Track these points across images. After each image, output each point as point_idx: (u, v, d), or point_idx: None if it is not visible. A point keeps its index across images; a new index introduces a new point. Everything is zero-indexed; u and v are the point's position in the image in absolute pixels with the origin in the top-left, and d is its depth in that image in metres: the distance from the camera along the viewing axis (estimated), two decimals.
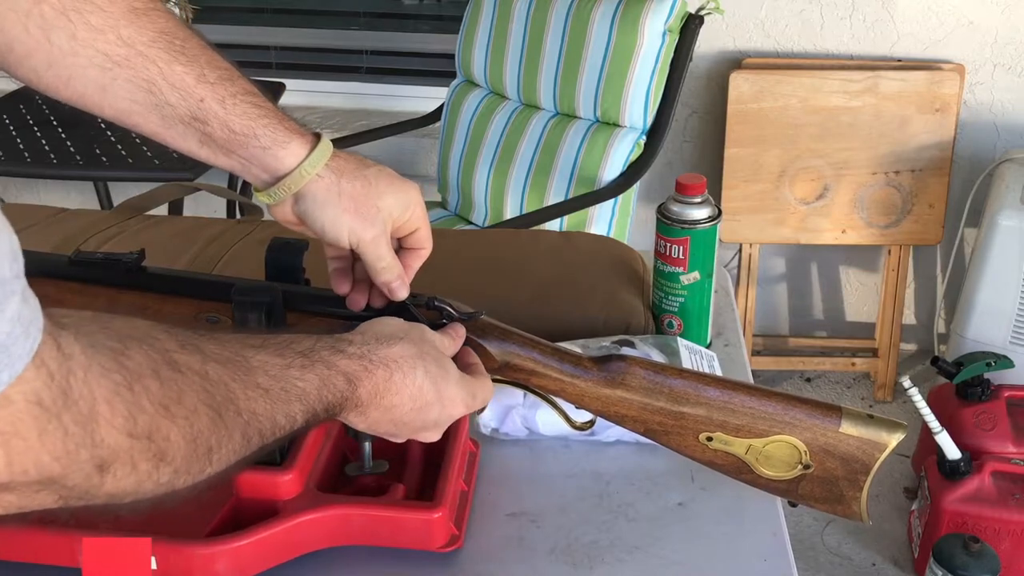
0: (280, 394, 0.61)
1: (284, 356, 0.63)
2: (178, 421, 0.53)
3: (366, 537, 0.81)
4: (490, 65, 2.26)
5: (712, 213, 1.08)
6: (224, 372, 0.57)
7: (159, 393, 0.52)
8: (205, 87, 0.76)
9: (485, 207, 2.26)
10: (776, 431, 0.80)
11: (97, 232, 1.28)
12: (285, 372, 0.62)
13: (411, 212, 0.82)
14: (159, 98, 0.76)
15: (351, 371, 0.67)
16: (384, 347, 0.70)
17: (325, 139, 0.80)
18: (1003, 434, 1.98)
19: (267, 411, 0.60)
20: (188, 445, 0.53)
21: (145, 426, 0.51)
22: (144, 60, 0.75)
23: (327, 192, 0.79)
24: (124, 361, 0.51)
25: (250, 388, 0.59)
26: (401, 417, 0.72)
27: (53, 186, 2.92)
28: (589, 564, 0.82)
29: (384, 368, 0.69)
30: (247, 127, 0.77)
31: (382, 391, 0.69)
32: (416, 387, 0.71)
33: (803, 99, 2.39)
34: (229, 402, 0.57)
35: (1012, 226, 2.17)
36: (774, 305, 2.74)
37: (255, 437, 0.59)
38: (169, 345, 0.55)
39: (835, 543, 2.11)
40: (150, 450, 0.51)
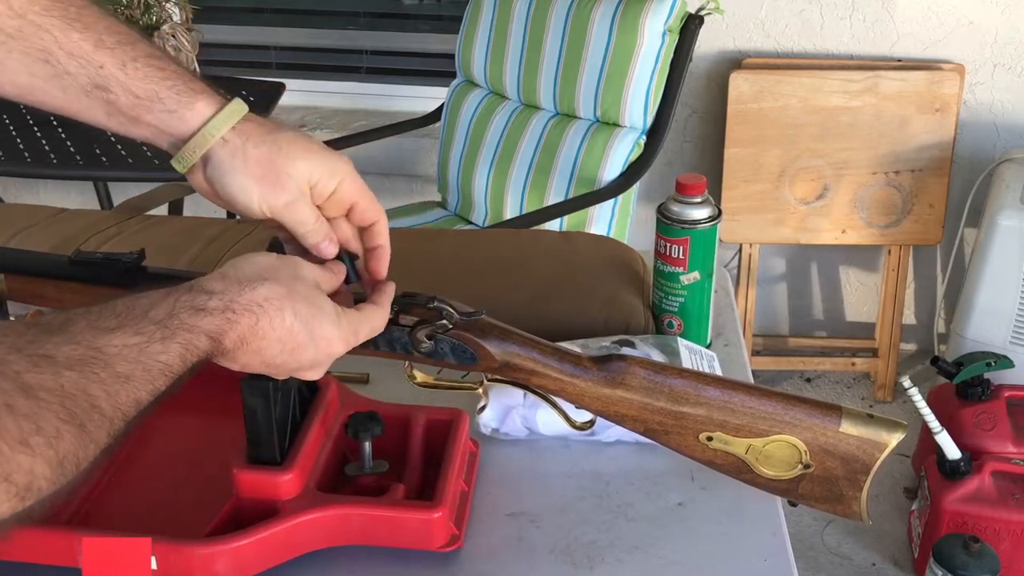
0: (143, 376, 0.59)
1: (142, 332, 0.60)
2: (39, 451, 0.51)
3: (366, 537, 0.81)
4: (490, 65, 2.26)
5: (712, 213, 1.08)
6: (80, 378, 0.55)
7: (15, 430, 0.50)
8: (104, 52, 0.73)
9: (485, 207, 2.26)
10: (776, 431, 0.79)
11: (97, 232, 1.28)
12: (145, 351, 0.60)
13: (338, 182, 0.77)
14: (57, 68, 0.73)
15: (214, 328, 0.64)
16: (248, 291, 0.67)
17: (236, 102, 0.76)
18: (1003, 434, 1.98)
19: (130, 396, 0.58)
20: (54, 470, 0.52)
21: (3, 469, 0.49)
22: (38, 30, 0.72)
23: (232, 157, 0.75)
24: None
25: (110, 383, 0.57)
26: (272, 359, 0.69)
27: (53, 186, 2.92)
28: (589, 564, 0.83)
29: (249, 314, 0.66)
30: (150, 91, 0.74)
31: (248, 337, 0.67)
32: (285, 329, 0.68)
33: (803, 99, 2.39)
34: (91, 408, 0.55)
35: (1012, 226, 2.17)
36: (774, 305, 2.74)
37: (120, 426, 0.57)
38: (20, 366, 0.52)
39: (835, 543, 2.11)
40: (10, 491, 0.49)
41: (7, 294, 0.85)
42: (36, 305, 0.88)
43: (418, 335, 0.80)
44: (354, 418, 0.85)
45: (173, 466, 0.93)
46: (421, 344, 0.81)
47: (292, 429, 0.83)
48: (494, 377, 0.87)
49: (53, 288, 0.85)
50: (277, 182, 0.75)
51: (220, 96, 0.77)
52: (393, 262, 0.89)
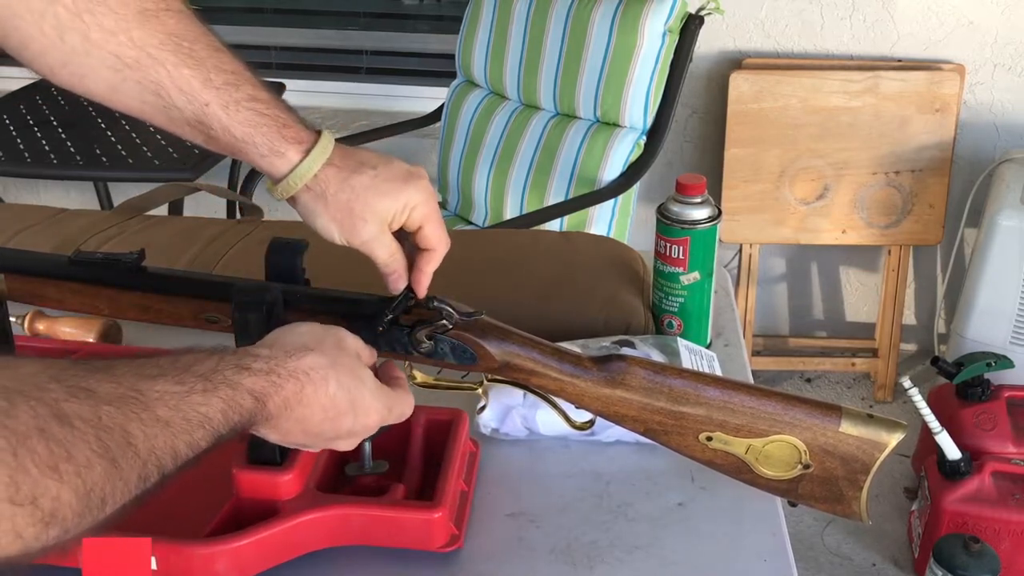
0: (182, 424, 0.59)
1: (184, 383, 0.61)
2: (68, 479, 0.51)
3: (366, 537, 0.81)
4: (490, 65, 2.26)
5: (712, 213, 1.08)
6: (119, 414, 0.55)
7: (46, 453, 0.50)
8: (210, 92, 0.78)
9: (485, 207, 2.26)
10: (776, 431, 0.80)
11: (97, 232, 1.28)
12: (186, 399, 0.60)
13: (410, 213, 0.82)
14: (166, 101, 0.77)
15: (259, 389, 0.66)
16: (294, 359, 0.69)
17: (319, 146, 0.81)
18: (1003, 434, 1.98)
19: (167, 444, 0.58)
20: (80, 501, 0.52)
21: (29, 491, 0.49)
22: (153, 63, 0.76)
23: (314, 202, 0.81)
24: (7, 423, 0.49)
25: (149, 425, 0.57)
26: (313, 428, 0.71)
27: (53, 186, 2.92)
28: (589, 564, 0.82)
29: (294, 381, 0.68)
30: (247, 134, 0.79)
31: (292, 404, 0.68)
32: (328, 398, 0.70)
33: (803, 99, 2.39)
34: (126, 445, 0.55)
35: (1012, 226, 2.17)
36: (774, 305, 2.74)
37: (154, 474, 0.57)
38: (58, 394, 0.53)
39: (835, 543, 2.11)
40: (35, 515, 0.49)
41: (7, 294, 0.86)
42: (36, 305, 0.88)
43: (418, 335, 0.80)
44: None
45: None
46: (421, 344, 0.81)
47: None
48: (494, 377, 0.87)
49: (53, 288, 0.85)
50: (354, 226, 0.81)
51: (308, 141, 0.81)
52: None
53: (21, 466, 0.49)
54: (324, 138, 0.82)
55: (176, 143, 2.17)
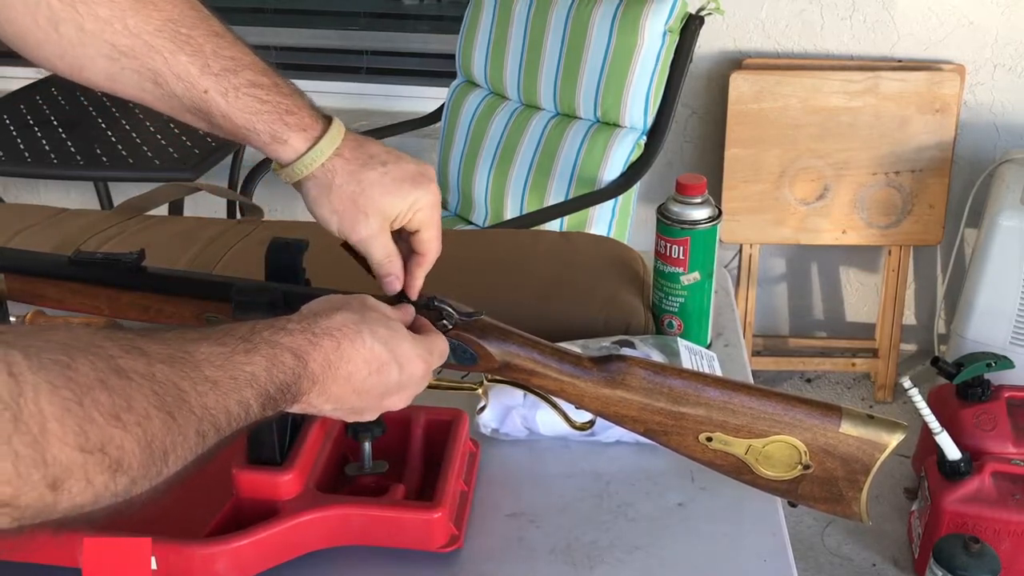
0: (229, 383, 0.60)
1: (226, 344, 0.62)
2: (131, 428, 0.52)
3: (366, 537, 0.81)
4: (490, 65, 2.26)
5: (712, 213, 1.08)
6: (171, 371, 0.57)
7: (108, 403, 0.51)
8: (208, 78, 0.77)
9: (485, 207, 2.26)
10: (776, 431, 0.79)
11: (97, 232, 1.28)
12: (230, 359, 0.61)
13: (414, 215, 0.82)
14: (165, 89, 0.77)
15: (297, 346, 0.66)
16: (324, 319, 0.69)
17: (328, 136, 0.80)
18: (1003, 434, 1.98)
19: (219, 403, 0.59)
20: (143, 451, 0.53)
21: (97, 439, 0.50)
22: (150, 50, 0.76)
23: (319, 190, 0.80)
24: (71, 375, 0.50)
25: (199, 383, 0.58)
26: (362, 384, 0.70)
27: (53, 186, 2.92)
28: (589, 564, 0.82)
29: (330, 338, 0.68)
30: (248, 121, 0.78)
31: (334, 361, 0.68)
32: (367, 349, 0.70)
33: (803, 99, 2.39)
34: (181, 401, 0.56)
35: (1012, 226, 2.17)
36: (774, 305, 2.74)
37: (211, 432, 0.58)
38: (113, 351, 0.54)
39: (835, 543, 2.11)
40: (104, 462, 0.51)
41: (7, 294, 0.86)
42: (36, 305, 0.88)
43: None
44: None
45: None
46: None
47: (292, 429, 0.83)
48: (494, 377, 0.87)
49: (53, 288, 0.85)
50: (355, 220, 0.80)
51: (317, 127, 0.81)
52: None
53: (87, 415, 0.50)
54: (334, 127, 0.81)
55: (176, 143, 2.17)
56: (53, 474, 0.48)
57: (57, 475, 0.48)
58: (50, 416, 0.48)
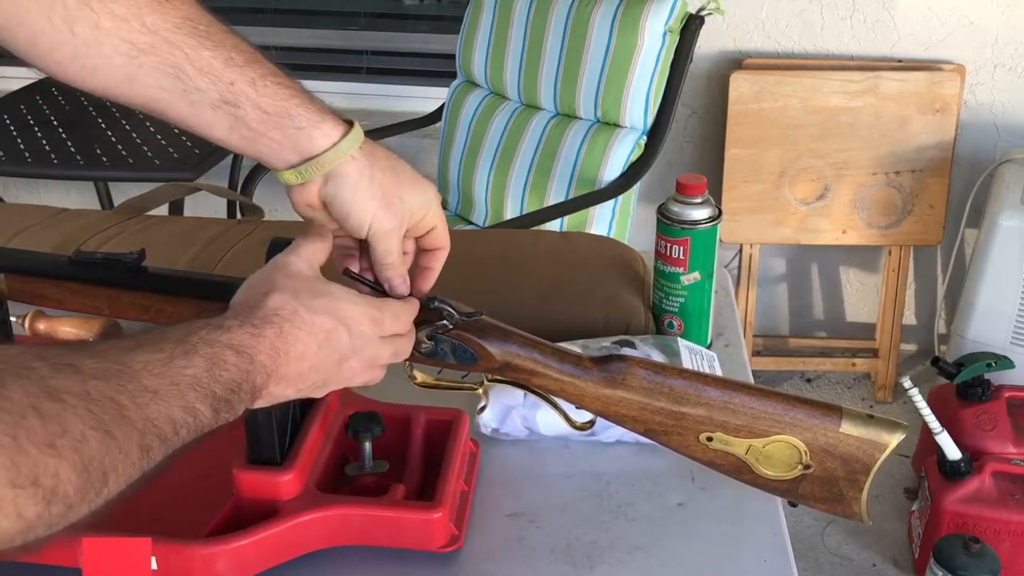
0: (171, 389, 0.59)
1: (162, 350, 0.60)
2: (65, 454, 0.50)
3: (366, 537, 0.81)
4: (490, 65, 2.26)
5: (712, 213, 1.08)
6: (107, 387, 0.55)
7: (42, 431, 0.50)
8: (234, 70, 0.75)
9: (485, 207, 2.26)
10: (776, 431, 0.79)
11: (97, 232, 1.28)
12: (168, 366, 0.60)
13: (427, 211, 0.82)
14: (187, 84, 0.75)
15: (239, 342, 0.65)
16: (259, 309, 0.68)
17: (358, 126, 0.79)
18: (1003, 434, 1.98)
19: (162, 412, 0.58)
20: (80, 476, 0.51)
21: (29, 472, 0.49)
22: (170, 46, 0.74)
23: (360, 175, 0.78)
24: (3, 404, 0.49)
25: (138, 395, 0.57)
26: (316, 359, 0.70)
27: (53, 186, 2.92)
28: (589, 564, 0.82)
29: (270, 325, 0.67)
30: (280, 107, 0.76)
31: (281, 347, 0.67)
32: (309, 323, 0.69)
33: (803, 99, 2.39)
34: (120, 417, 0.55)
35: (1012, 226, 2.17)
36: (774, 305, 2.74)
37: (155, 444, 0.57)
38: (44, 372, 0.52)
39: (835, 543, 2.11)
40: (36, 495, 0.49)
41: (7, 294, 0.86)
42: (36, 305, 0.88)
43: (419, 335, 0.80)
44: (354, 418, 0.85)
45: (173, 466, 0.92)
46: (421, 344, 0.81)
47: (292, 429, 0.83)
48: (494, 377, 0.87)
49: (53, 288, 0.85)
50: (391, 207, 0.79)
51: (341, 119, 0.79)
52: None
53: (20, 447, 0.48)
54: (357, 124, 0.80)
55: (176, 143, 2.17)
56: None
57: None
58: None
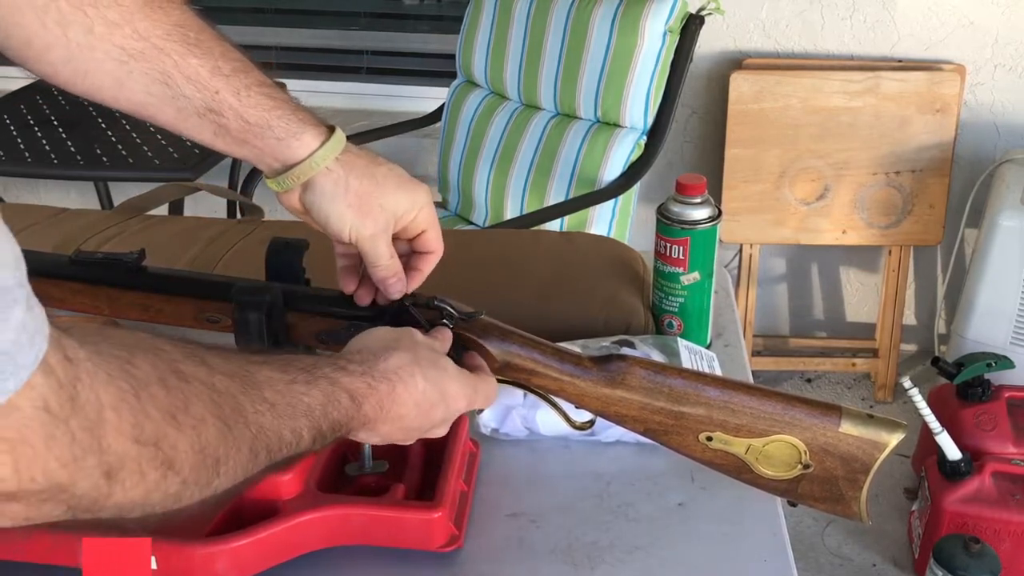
0: (286, 409, 0.61)
1: (287, 372, 0.63)
2: (185, 430, 0.52)
3: (366, 537, 0.81)
4: (491, 65, 2.26)
5: (712, 213, 1.08)
6: (231, 384, 0.57)
7: (166, 401, 0.51)
8: (220, 79, 0.77)
9: (485, 207, 2.26)
10: (776, 431, 0.79)
11: (97, 232, 1.28)
12: (290, 387, 0.62)
13: (417, 213, 0.83)
14: (175, 91, 0.77)
15: (354, 389, 0.67)
16: (382, 361, 0.71)
17: (339, 133, 0.81)
18: (1003, 434, 1.98)
19: (274, 426, 0.59)
20: (196, 455, 0.53)
21: (152, 433, 0.50)
22: (159, 53, 0.76)
23: (335, 186, 0.80)
24: (130, 369, 0.50)
25: (257, 402, 0.58)
26: (410, 424, 0.73)
27: (53, 186, 2.92)
28: (589, 564, 0.82)
29: (386, 382, 0.70)
30: (261, 118, 0.78)
31: (387, 405, 0.70)
32: (420, 393, 0.72)
33: (803, 99, 2.39)
34: (237, 414, 0.56)
35: (1012, 227, 2.17)
36: (774, 305, 2.74)
37: (262, 452, 0.59)
38: (175, 355, 0.54)
39: (835, 543, 2.11)
40: (157, 458, 0.51)
41: None
42: None
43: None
44: None
45: None
46: None
47: None
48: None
49: (54, 288, 0.85)
50: (369, 214, 0.80)
51: (325, 127, 0.81)
52: None
53: (143, 409, 0.50)
54: (338, 130, 0.82)
55: (176, 143, 2.17)
56: (108, 462, 0.48)
57: (112, 464, 0.48)
58: (107, 404, 0.48)
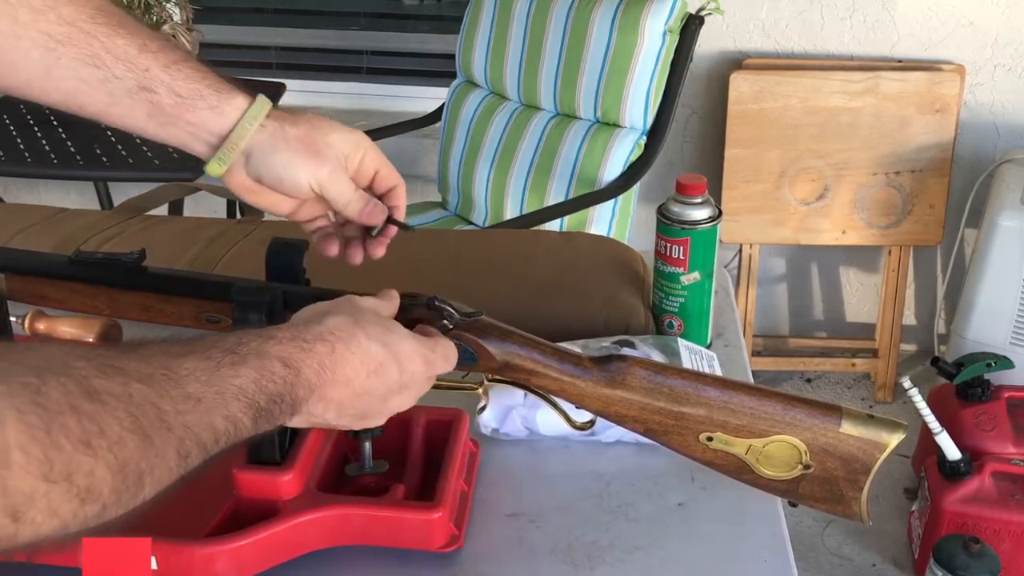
0: (215, 399, 0.59)
1: (211, 358, 0.61)
2: (101, 455, 0.51)
3: (366, 537, 0.81)
4: (490, 65, 2.26)
5: (712, 213, 1.07)
6: (150, 391, 0.55)
7: (78, 429, 0.50)
8: (148, 56, 0.78)
9: (485, 207, 2.26)
10: (776, 431, 0.79)
11: (97, 232, 1.28)
12: (216, 374, 0.60)
13: (363, 154, 0.83)
14: (105, 72, 0.77)
15: (287, 355, 0.65)
16: (316, 326, 0.68)
17: (262, 96, 0.81)
18: (1003, 435, 1.98)
19: (203, 421, 0.58)
20: (115, 477, 0.52)
21: (63, 467, 0.49)
22: (87, 36, 0.76)
23: (273, 137, 0.80)
24: (39, 400, 0.49)
25: (179, 401, 0.57)
26: (363, 387, 0.70)
27: (53, 186, 2.92)
28: (589, 564, 0.82)
29: (323, 342, 0.67)
30: (193, 89, 0.79)
31: (330, 365, 0.67)
32: (363, 351, 0.69)
33: (803, 99, 2.39)
34: (159, 421, 0.55)
35: (1012, 227, 2.17)
36: (774, 305, 2.74)
37: (194, 450, 0.57)
38: (88, 372, 0.53)
39: (835, 544, 2.11)
40: (70, 491, 0.49)
41: (7, 294, 0.85)
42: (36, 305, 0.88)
43: None
44: None
45: None
46: None
47: (292, 429, 0.83)
48: (494, 377, 0.87)
49: (54, 288, 0.85)
50: (319, 153, 0.80)
51: (249, 91, 0.82)
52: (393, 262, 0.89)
53: (54, 443, 0.49)
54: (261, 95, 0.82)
55: None
56: (13, 504, 0.47)
57: (17, 505, 0.47)
58: (14, 444, 0.47)
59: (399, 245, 0.88)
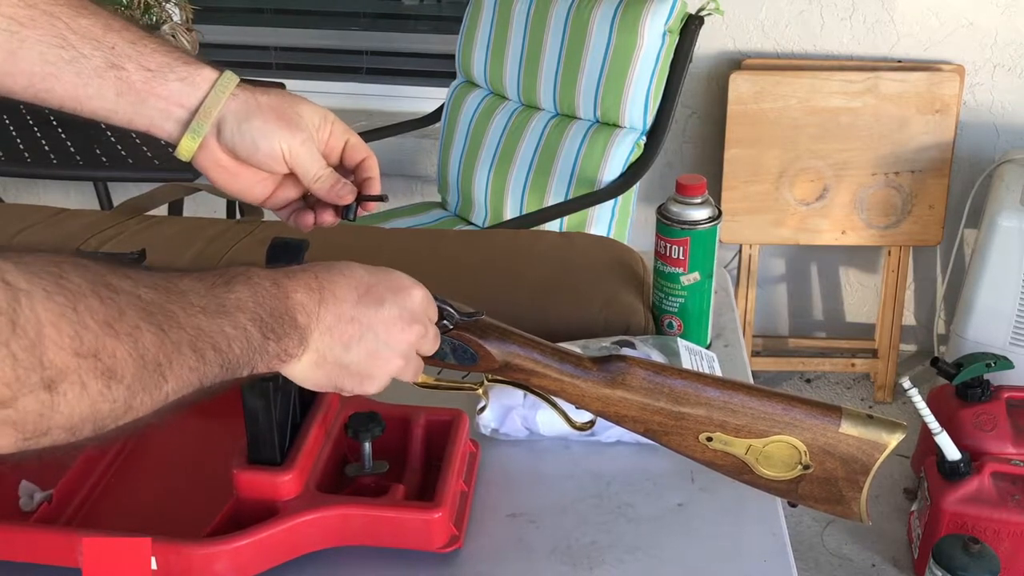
0: (218, 308, 0.61)
1: (203, 280, 0.63)
2: (122, 338, 0.53)
3: (366, 537, 0.81)
4: (490, 66, 2.26)
5: (712, 214, 1.08)
6: (156, 295, 0.58)
7: (101, 311, 0.53)
8: (113, 34, 0.78)
9: (485, 207, 2.26)
10: (776, 431, 0.80)
11: (97, 232, 1.28)
12: (212, 290, 0.62)
13: (331, 125, 0.84)
14: (72, 52, 0.77)
15: (274, 277, 0.67)
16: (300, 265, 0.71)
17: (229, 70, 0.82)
18: (1003, 435, 1.98)
19: (211, 325, 0.60)
20: (136, 361, 0.54)
21: (91, 344, 0.52)
22: (50, 18, 0.77)
23: (245, 104, 0.81)
24: (64, 283, 0.52)
25: (187, 307, 0.59)
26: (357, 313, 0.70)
27: (53, 186, 2.92)
28: (589, 564, 0.82)
29: (303, 271, 0.70)
30: (163, 62, 0.79)
31: (316, 287, 0.69)
32: (349, 275, 0.71)
33: (803, 100, 2.39)
34: (170, 318, 0.57)
35: (1012, 227, 2.17)
36: (774, 306, 2.74)
37: (209, 350, 0.59)
38: (101, 269, 0.55)
39: (835, 544, 2.11)
40: (98, 368, 0.52)
41: None
42: None
43: None
44: (354, 418, 0.85)
45: (173, 466, 0.93)
46: None
47: (292, 429, 0.83)
48: (494, 378, 0.87)
49: None
50: (291, 122, 0.81)
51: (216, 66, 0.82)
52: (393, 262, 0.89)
53: (82, 321, 0.51)
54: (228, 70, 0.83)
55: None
56: (49, 376, 0.50)
57: (53, 377, 0.50)
58: (46, 321, 0.50)
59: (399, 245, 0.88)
